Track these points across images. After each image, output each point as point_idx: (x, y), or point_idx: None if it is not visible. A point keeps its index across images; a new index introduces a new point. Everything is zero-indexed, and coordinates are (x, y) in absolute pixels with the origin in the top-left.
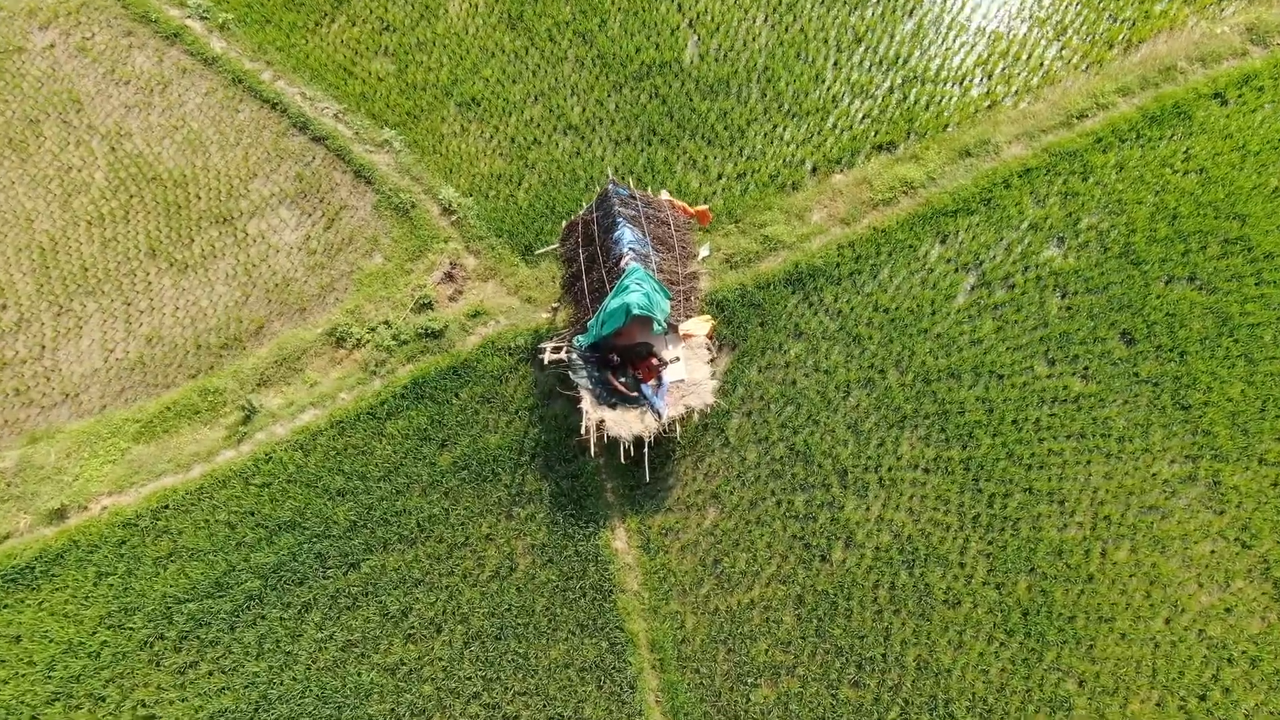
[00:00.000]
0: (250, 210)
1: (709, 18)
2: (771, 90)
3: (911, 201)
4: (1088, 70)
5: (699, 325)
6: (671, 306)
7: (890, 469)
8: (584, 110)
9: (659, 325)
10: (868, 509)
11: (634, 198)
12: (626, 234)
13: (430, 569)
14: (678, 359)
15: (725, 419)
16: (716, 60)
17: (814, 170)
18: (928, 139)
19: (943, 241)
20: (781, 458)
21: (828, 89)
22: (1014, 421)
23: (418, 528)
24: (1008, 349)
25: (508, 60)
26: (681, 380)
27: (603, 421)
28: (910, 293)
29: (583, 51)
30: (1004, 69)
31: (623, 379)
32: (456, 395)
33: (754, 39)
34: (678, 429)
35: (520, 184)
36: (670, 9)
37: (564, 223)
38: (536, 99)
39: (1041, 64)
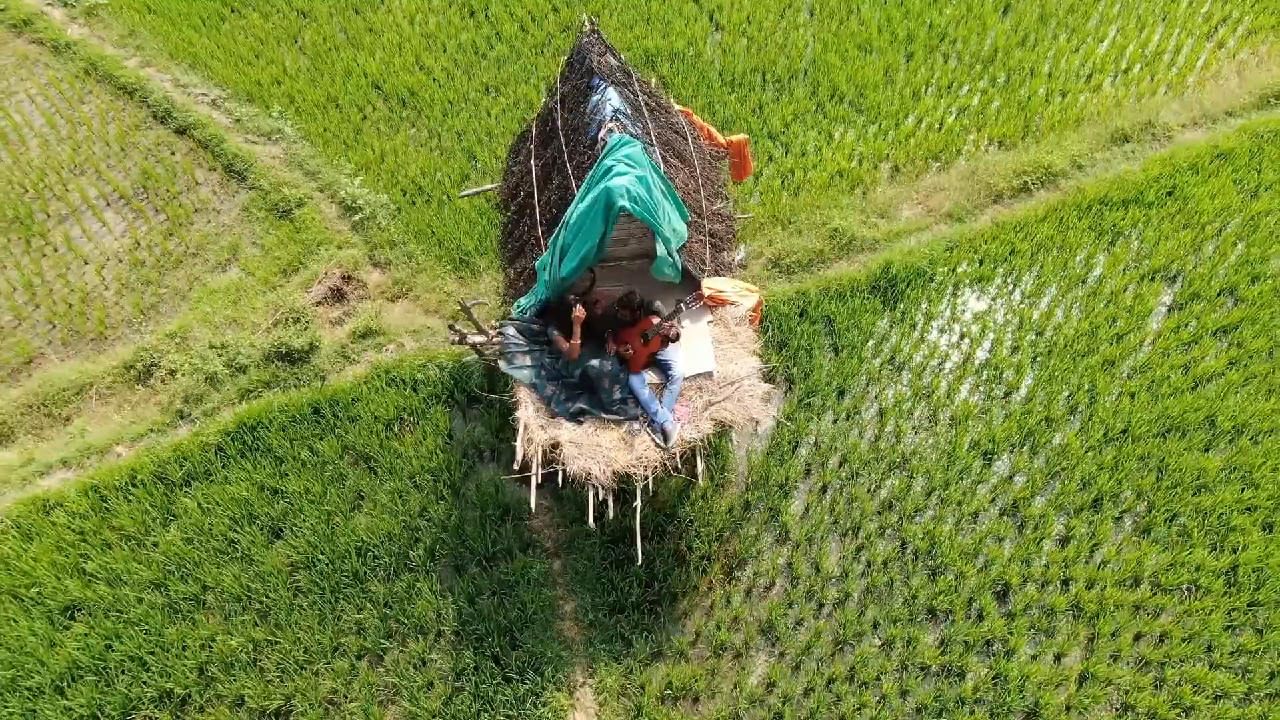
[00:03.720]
0: (63, 214)
1: (735, 9)
2: (826, 83)
3: (1053, 193)
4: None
5: (737, 290)
6: (690, 242)
7: (1090, 584)
8: None
9: (667, 264)
10: (1057, 659)
11: (628, 73)
12: (613, 98)
13: None
14: (704, 338)
15: (782, 495)
16: (747, 51)
17: (896, 171)
18: (1058, 132)
19: (1113, 241)
20: (885, 563)
21: (904, 85)
22: None
23: (202, 683)
24: (1257, 389)
25: (461, 51)
26: (708, 375)
27: (556, 446)
28: (1075, 308)
29: (564, 42)
30: (1143, 65)
31: (590, 364)
32: (312, 448)
33: (796, 30)
34: (699, 466)
35: (464, 182)
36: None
37: (514, 137)
38: (496, 91)
39: (1197, 58)
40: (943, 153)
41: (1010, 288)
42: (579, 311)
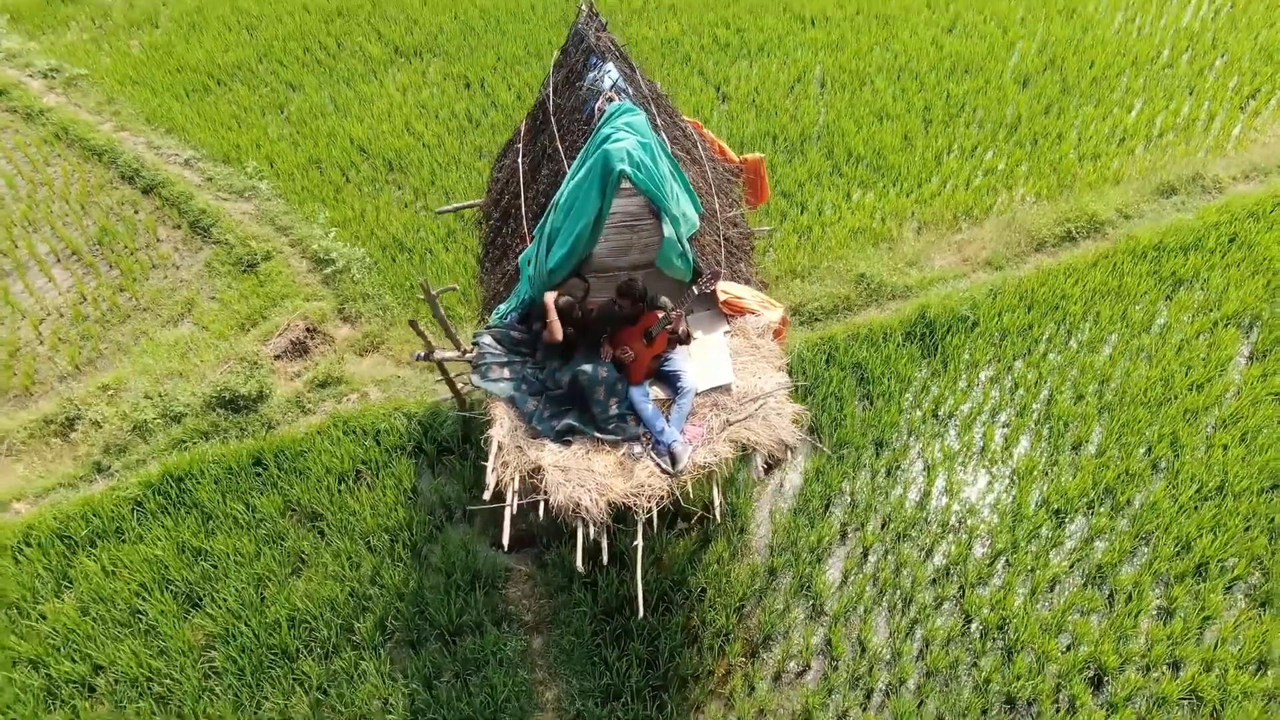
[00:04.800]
0: (6, 269)
1: (743, 81)
2: (841, 147)
3: (1100, 241)
4: None
5: (758, 300)
6: (702, 235)
7: (1206, 667)
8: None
9: (675, 252)
10: None
11: (632, 66)
12: (613, 71)
13: None
14: (720, 348)
15: (814, 561)
16: (756, 119)
17: (923, 226)
18: (1096, 188)
19: (1175, 288)
20: (947, 641)
21: (924, 149)
22: None
23: None
24: None
25: (454, 118)
26: (725, 389)
27: (537, 471)
28: (1142, 356)
29: None
30: (1176, 132)
31: (581, 370)
32: (248, 503)
33: (806, 100)
34: (715, 499)
35: (447, 238)
36: (690, 73)
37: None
38: (489, 154)
39: (1233, 127)
40: (973, 209)
41: (1065, 335)
42: (554, 297)
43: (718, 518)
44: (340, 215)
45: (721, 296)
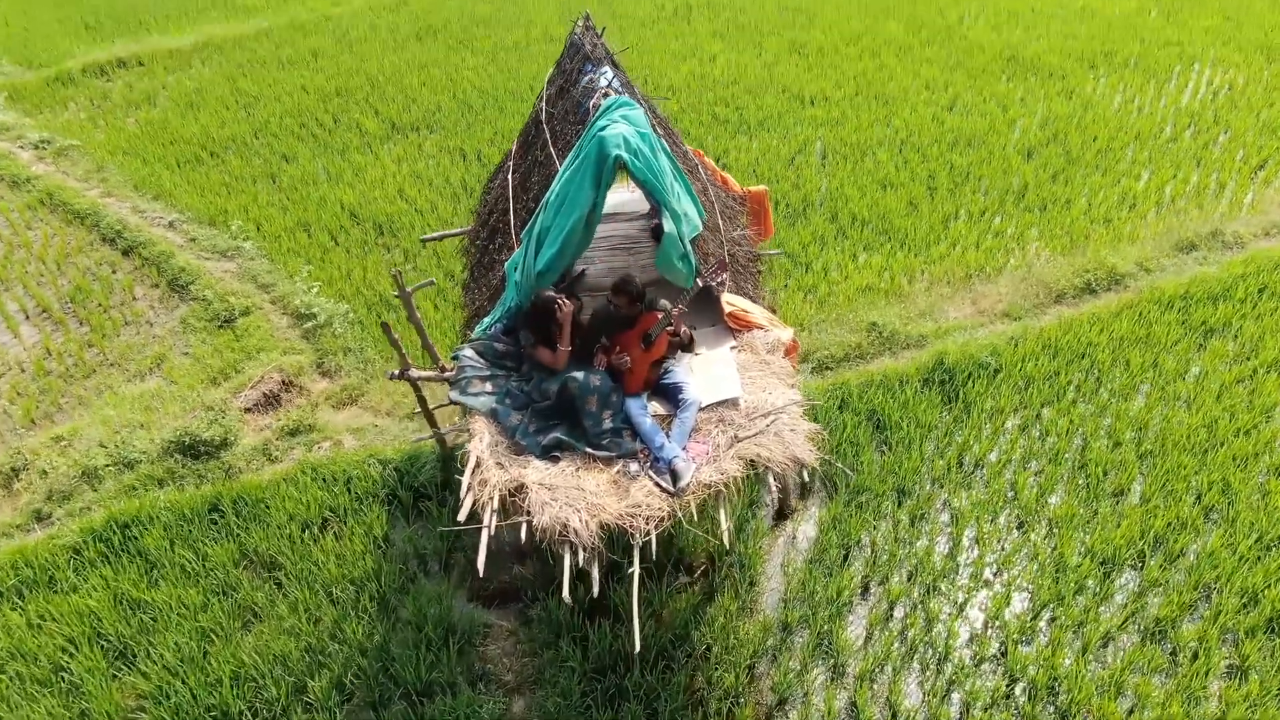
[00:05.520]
0: None
1: (743, 153)
2: (846, 212)
3: (1122, 293)
4: None
5: (767, 317)
6: (706, 244)
7: None
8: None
9: (676, 252)
10: None
11: (630, 86)
12: (609, 73)
13: None
14: (726, 363)
15: (834, 615)
16: (757, 184)
17: (930, 285)
18: (1111, 245)
19: (1206, 336)
20: (991, 703)
21: (931, 213)
22: None
23: None
24: None
25: (448, 185)
26: (732, 403)
27: (520, 489)
28: (1180, 403)
29: None
30: (1188, 199)
31: (571, 377)
32: (198, 551)
33: (807, 169)
34: (723, 522)
35: (438, 296)
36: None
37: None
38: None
39: (1245, 195)
40: (985, 266)
41: (1094, 383)
42: (567, 307)
43: (726, 544)
44: (326, 275)
45: (727, 308)
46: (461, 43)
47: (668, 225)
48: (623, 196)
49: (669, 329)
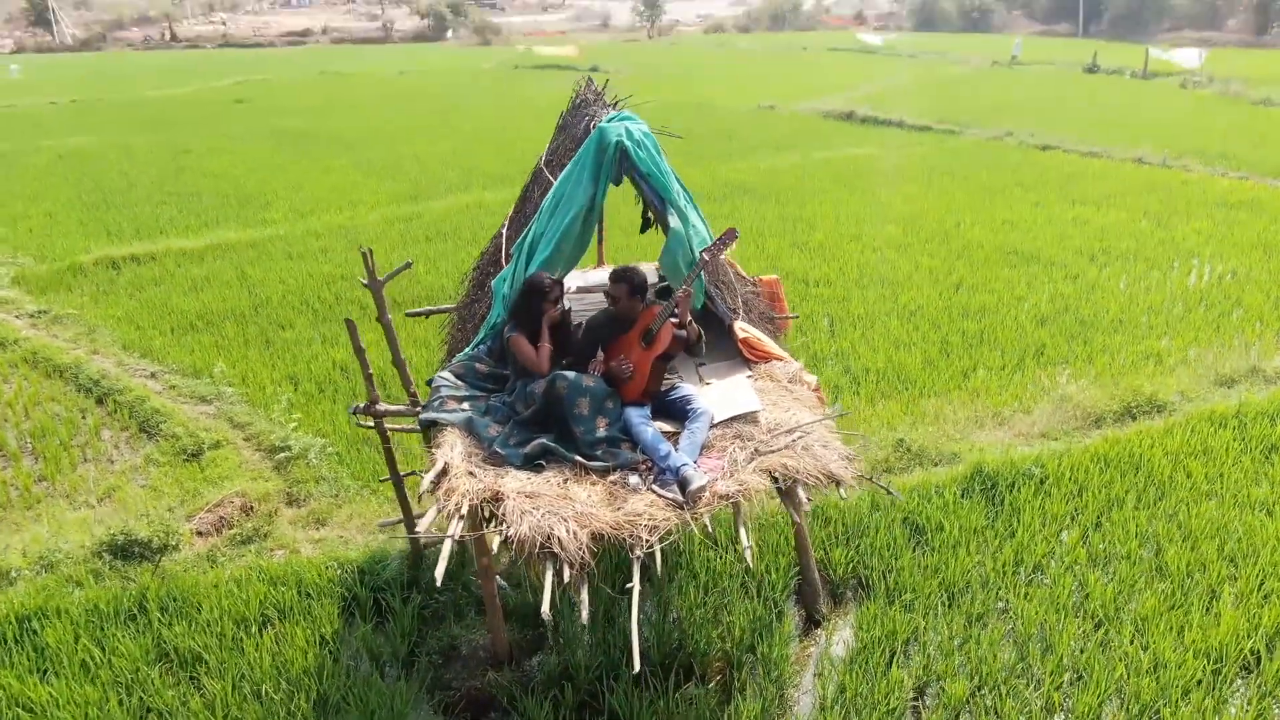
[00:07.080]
0: None
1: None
2: (859, 365)
3: (1168, 418)
4: None
5: (780, 350)
6: (713, 260)
7: None
8: None
9: (681, 251)
10: None
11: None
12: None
13: None
14: (743, 387)
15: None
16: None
17: (957, 411)
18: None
19: (1270, 451)
20: None
21: (948, 368)
22: None
23: None
24: None
25: (444, 347)
26: (751, 418)
27: (496, 499)
28: (1260, 509)
29: None
30: (1214, 355)
31: (561, 375)
32: (105, 645)
33: (815, 333)
34: (743, 539)
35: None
36: None
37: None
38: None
39: (1275, 353)
40: (1015, 403)
41: (1157, 492)
42: (552, 311)
43: (749, 561)
44: (309, 416)
45: (740, 334)
46: (470, 242)
47: (674, 222)
48: (604, 275)
49: (673, 318)
